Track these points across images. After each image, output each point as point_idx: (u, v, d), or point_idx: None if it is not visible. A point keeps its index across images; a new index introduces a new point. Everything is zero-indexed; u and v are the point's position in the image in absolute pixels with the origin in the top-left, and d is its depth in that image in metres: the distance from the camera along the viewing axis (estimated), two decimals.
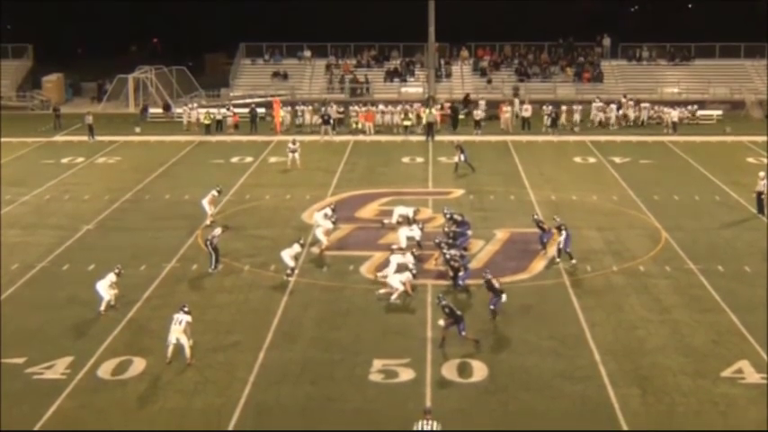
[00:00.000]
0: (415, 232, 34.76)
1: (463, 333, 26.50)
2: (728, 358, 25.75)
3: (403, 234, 34.76)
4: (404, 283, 30.36)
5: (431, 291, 30.89)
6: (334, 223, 36.78)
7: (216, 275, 32.72)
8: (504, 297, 28.82)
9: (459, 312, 26.85)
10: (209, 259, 33.34)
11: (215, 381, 24.69)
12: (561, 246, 33.61)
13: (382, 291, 30.75)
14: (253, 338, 27.28)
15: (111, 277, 29.89)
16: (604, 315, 29.03)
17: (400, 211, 38.14)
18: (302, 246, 33.68)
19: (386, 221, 38.15)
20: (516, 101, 64.66)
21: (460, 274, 31.21)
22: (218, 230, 34.11)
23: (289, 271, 32.52)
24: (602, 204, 42.04)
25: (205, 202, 39.01)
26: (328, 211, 37.51)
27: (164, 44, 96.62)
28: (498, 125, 61.50)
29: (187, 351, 25.64)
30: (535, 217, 36.03)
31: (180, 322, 25.72)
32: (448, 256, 31.76)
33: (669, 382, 24.45)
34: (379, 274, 32.20)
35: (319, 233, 35.64)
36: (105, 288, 29.67)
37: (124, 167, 50.66)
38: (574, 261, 33.43)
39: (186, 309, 26.14)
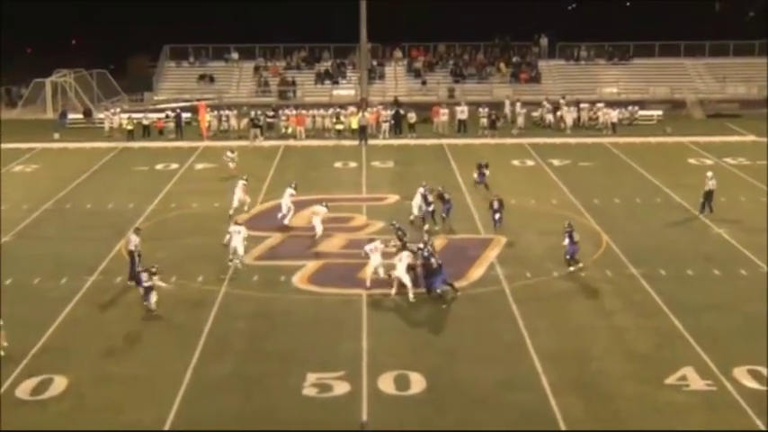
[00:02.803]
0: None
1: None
2: (672, 364, 25.95)
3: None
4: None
5: (365, 301, 30.92)
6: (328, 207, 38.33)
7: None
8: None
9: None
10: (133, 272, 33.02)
11: (143, 397, 24.39)
12: (443, 215, 38.83)
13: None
14: (181, 352, 26.99)
15: (243, 232, 33.84)
16: (545, 322, 29.18)
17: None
18: (240, 224, 34.58)
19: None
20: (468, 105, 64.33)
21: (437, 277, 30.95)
22: (134, 237, 33.65)
23: (231, 256, 33.75)
24: (541, 208, 42.35)
25: (238, 192, 40.61)
26: (292, 190, 39.40)
27: (84, 46, 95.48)
28: (431, 128, 61.81)
29: None
30: (422, 186, 39.53)
31: None
32: (426, 253, 31.39)
33: (613, 389, 24.60)
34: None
35: (317, 221, 36.92)
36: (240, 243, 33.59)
37: (43, 175, 50.03)
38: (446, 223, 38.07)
39: None
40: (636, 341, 27.69)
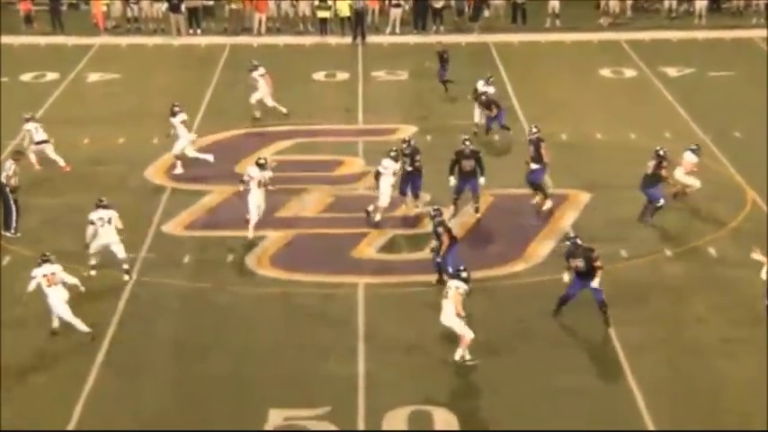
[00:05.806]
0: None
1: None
2: None
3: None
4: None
5: (362, 294, 31.30)
6: None
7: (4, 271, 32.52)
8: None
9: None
10: (5, 217, 33.75)
11: None
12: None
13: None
14: (70, 369, 27.24)
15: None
16: (651, 330, 29.32)
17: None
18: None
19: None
20: None
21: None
22: (8, 165, 34.20)
23: (126, 266, 32.58)
24: (646, 146, 42.39)
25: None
26: None
27: None
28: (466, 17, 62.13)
29: None
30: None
31: None
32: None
33: None
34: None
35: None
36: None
37: None
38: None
39: None
40: None
